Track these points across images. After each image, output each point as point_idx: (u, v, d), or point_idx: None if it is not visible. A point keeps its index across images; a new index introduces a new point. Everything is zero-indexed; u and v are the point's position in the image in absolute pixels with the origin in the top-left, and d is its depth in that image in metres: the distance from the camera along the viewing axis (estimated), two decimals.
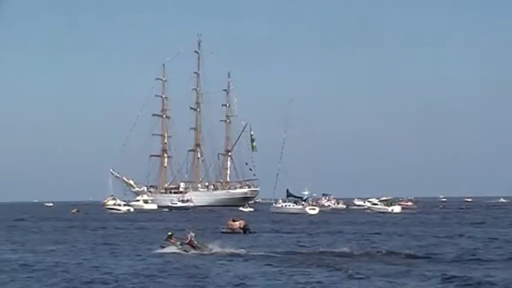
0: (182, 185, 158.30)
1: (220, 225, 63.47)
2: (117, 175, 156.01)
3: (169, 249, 36.99)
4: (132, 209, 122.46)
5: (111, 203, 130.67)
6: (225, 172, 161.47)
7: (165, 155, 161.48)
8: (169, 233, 38.73)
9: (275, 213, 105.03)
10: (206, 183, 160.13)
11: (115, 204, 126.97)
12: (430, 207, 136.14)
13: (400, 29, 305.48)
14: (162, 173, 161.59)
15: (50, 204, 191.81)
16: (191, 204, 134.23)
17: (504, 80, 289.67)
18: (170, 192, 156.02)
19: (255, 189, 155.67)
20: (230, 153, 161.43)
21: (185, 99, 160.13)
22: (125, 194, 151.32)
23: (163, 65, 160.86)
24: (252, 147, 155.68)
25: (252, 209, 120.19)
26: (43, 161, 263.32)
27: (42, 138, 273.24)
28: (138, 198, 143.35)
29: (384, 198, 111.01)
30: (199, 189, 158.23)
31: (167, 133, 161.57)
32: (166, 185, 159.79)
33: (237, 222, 55.33)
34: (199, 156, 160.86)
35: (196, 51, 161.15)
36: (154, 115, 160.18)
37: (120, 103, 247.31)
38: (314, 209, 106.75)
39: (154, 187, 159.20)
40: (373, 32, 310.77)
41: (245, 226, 54.42)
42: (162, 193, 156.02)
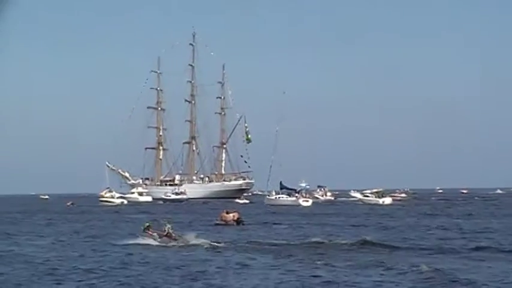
0: (177, 178, 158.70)
1: (212, 217, 63.95)
2: (112, 168, 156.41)
3: (146, 241, 37.46)
4: (126, 202, 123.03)
5: (107, 196, 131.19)
6: (220, 164, 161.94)
7: (161, 148, 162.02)
8: (146, 224, 39.15)
9: (268, 205, 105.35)
10: (201, 175, 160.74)
11: (110, 196, 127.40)
12: (423, 199, 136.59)
13: (398, 25, 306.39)
14: (158, 166, 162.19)
15: (46, 196, 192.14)
16: (185, 196, 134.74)
17: (501, 75, 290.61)
18: (165, 184, 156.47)
19: (250, 181, 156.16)
20: (225, 145, 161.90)
21: (180, 91, 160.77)
22: (121, 187, 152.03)
23: (158, 58, 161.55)
24: (247, 139, 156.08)
25: (248, 201, 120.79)
26: (40, 154, 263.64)
27: (39, 131, 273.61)
28: (133, 190, 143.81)
29: (375, 190, 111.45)
30: (194, 181, 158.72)
31: (162, 126, 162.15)
32: (161, 178, 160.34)
33: (231, 214, 55.12)
34: (194, 148, 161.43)
35: (191, 43, 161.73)
36: (149, 108, 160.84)
37: (115, 96, 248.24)
38: (307, 201, 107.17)
39: (149, 179, 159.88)
40: (370, 27, 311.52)
41: (239, 218, 54.27)
42: (158, 185, 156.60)
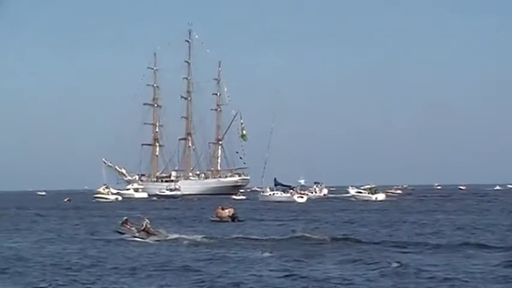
0: (173, 174, 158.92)
1: (204, 213, 64.45)
2: (109, 164, 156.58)
3: (124, 235, 37.77)
4: (120, 198, 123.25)
5: (103, 192, 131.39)
6: (216, 161, 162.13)
7: (157, 144, 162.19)
8: (124, 218, 39.55)
9: (263, 201, 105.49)
10: (197, 171, 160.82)
11: (105, 193, 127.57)
12: (417, 195, 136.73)
13: (397, 24, 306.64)
14: (154, 162, 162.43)
15: (43, 193, 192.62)
16: (179, 192, 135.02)
17: (501, 76, 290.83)
18: (162, 180, 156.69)
19: (246, 177, 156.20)
20: (221, 142, 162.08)
21: (176, 88, 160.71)
22: (117, 183, 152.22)
23: (154, 55, 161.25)
24: (242, 136, 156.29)
25: (245, 197, 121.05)
26: (38, 150, 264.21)
27: (37, 127, 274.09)
28: (129, 187, 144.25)
29: (368, 186, 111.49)
30: (190, 177, 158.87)
31: (159, 122, 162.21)
32: (157, 174, 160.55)
33: (226, 210, 54.74)
34: (190, 145, 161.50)
35: (187, 40, 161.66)
36: (145, 104, 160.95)
37: (112, 92, 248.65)
38: (302, 197, 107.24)
39: (146, 176, 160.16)
40: (369, 26, 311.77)
41: (234, 214, 53.91)
42: (154, 182, 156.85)
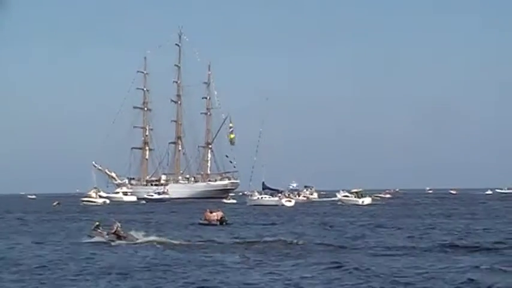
0: (163, 177, 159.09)
1: (188, 217, 64.43)
2: (99, 168, 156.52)
3: (95, 239, 37.88)
4: (108, 201, 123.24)
5: (91, 196, 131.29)
6: (206, 164, 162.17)
7: (147, 148, 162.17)
8: (96, 223, 39.64)
9: (251, 205, 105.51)
10: (187, 175, 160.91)
11: (93, 196, 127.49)
12: (405, 199, 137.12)
13: (390, 24, 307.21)
14: (144, 165, 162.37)
15: (33, 196, 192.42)
16: (167, 196, 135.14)
17: (497, 76, 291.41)
18: (151, 184, 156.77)
19: (235, 181, 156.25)
20: (211, 145, 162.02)
21: (166, 91, 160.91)
22: (107, 186, 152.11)
23: (144, 58, 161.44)
24: (230, 139, 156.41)
25: (235, 201, 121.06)
26: (28, 154, 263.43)
27: (28, 131, 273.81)
28: (118, 190, 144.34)
29: (355, 190, 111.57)
30: (180, 181, 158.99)
31: (149, 126, 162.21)
32: (147, 178, 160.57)
33: (214, 213, 54.57)
34: (180, 148, 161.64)
35: (177, 44, 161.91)
36: (135, 108, 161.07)
37: (102, 96, 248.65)
38: (290, 201, 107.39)
39: (135, 179, 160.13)
40: (360, 27, 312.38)
41: (222, 218, 53.76)
42: (143, 185, 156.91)
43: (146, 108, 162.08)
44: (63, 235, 44.26)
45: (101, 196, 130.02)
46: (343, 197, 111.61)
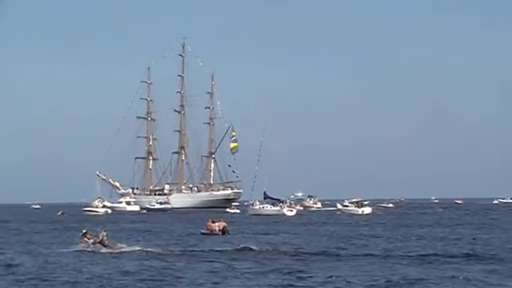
0: (167, 187, 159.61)
1: (189, 227, 64.90)
2: (103, 177, 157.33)
3: (80, 247, 38.40)
4: (110, 211, 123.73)
5: (96, 205, 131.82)
6: (209, 174, 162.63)
7: (150, 157, 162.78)
8: (83, 231, 40.14)
9: (252, 215, 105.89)
10: (190, 185, 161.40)
11: (94, 206, 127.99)
12: (408, 208, 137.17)
13: (389, 26, 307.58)
14: (147, 175, 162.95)
15: (38, 206, 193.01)
16: (169, 206, 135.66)
17: (502, 82, 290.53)
18: (155, 194, 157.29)
19: (238, 191, 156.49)
20: (214, 155, 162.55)
21: (170, 101, 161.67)
22: (111, 196, 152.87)
23: (148, 68, 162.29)
24: (231, 148, 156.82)
25: (238, 211, 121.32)
26: (33, 163, 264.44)
27: (33, 140, 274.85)
28: (121, 200, 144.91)
29: (355, 200, 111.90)
30: (183, 191, 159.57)
31: (152, 135, 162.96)
32: (151, 187, 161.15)
33: (217, 223, 54.66)
34: (183, 158, 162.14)
35: (180, 54, 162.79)
36: (139, 117, 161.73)
37: (106, 106, 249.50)
38: (291, 211, 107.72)
39: (139, 189, 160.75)
40: (361, 32, 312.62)
41: (224, 228, 53.89)
42: (147, 195, 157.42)
43: (150, 118, 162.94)
44: (52, 244, 44.76)
45: (104, 206, 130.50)
46: (343, 207, 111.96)
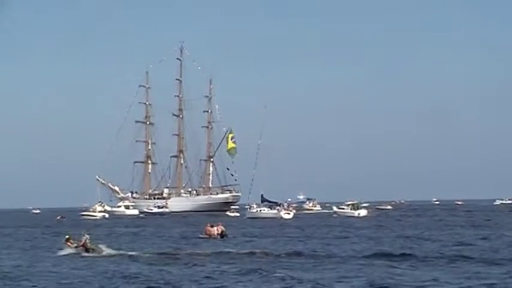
0: (166, 191, 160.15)
1: (184, 231, 65.22)
2: (102, 182, 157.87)
3: (64, 251, 38.76)
4: (107, 215, 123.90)
5: (98, 209, 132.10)
6: (208, 178, 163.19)
7: (149, 161, 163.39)
8: (66, 236, 40.55)
9: (250, 218, 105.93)
10: (189, 188, 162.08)
11: (91, 210, 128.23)
12: (406, 210, 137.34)
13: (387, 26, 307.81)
14: (146, 179, 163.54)
15: (37, 211, 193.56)
16: (167, 210, 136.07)
17: (503, 84, 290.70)
18: (154, 198, 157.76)
19: (237, 194, 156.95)
20: (212, 159, 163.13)
21: (168, 105, 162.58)
22: (110, 200, 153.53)
23: (146, 73, 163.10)
24: (229, 149, 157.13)
25: (238, 214, 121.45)
26: (34, 168, 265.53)
27: (32, 145, 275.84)
28: (119, 204, 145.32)
29: (350, 202, 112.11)
30: (182, 194, 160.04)
31: (151, 139, 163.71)
32: (150, 191, 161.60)
33: (215, 227, 54.42)
34: (182, 162, 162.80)
35: (178, 58, 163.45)
36: (137, 122, 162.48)
37: (104, 110, 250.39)
38: (289, 214, 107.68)
39: (138, 193, 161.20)
40: (364, 36, 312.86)
41: (223, 232, 53.75)
42: (146, 199, 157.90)
43: (148, 122, 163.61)
44: (37, 248, 45.16)
45: (102, 210, 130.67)
46: (338, 209, 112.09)
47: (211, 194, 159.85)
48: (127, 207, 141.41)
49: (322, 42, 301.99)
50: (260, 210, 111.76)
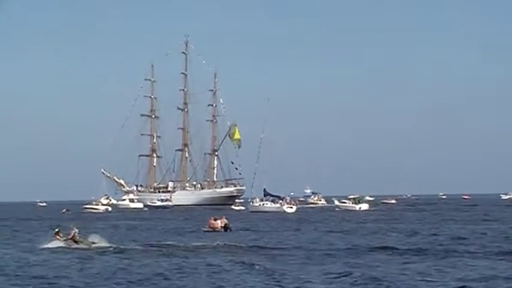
0: (171, 185, 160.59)
1: (186, 224, 65.54)
2: (108, 175, 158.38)
3: (54, 244, 38.95)
4: (110, 209, 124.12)
5: (102, 202, 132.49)
6: (212, 171, 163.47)
7: (154, 155, 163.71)
8: (56, 229, 40.79)
9: (252, 212, 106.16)
10: (194, 182, 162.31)
11: (94, 204, 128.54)
12: (406, 204, 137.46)
13: (390, 26, 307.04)
14: (151, 173, 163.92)
15: (44, 204, 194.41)
16: (170, 203, 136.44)
17: (504, 80, 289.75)
18: (159, 191, 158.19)
19: (241, 188, 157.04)
20: (217, 152, 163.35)
21: (173, 99, 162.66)
22: (116, 193, 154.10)
23: (151, 66, 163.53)
24: (234, 140, 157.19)
25: (244, 208, 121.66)
26: (44, 162, 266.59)
27: (38, 136, 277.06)
28: (124, 197, 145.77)
29: (352, 196, 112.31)
30: (186, 188, 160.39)
31: (156, 133, 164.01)
32: (155, 185, 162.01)
33: (219, 220, 54.56)
34: (187, 155, 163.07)
35: (183, 52, 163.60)
36: (142, 115, 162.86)
37: (110, 104, 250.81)
38: (291, 208, 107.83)
39: (143, 186, 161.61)
40: (366, 32, 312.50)
41: (226, 225, 53.88)
42: (151, 192, 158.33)
43: (154, 115, 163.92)
44: (28, 241, 45.35)
45: (107, 204, 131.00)
46: (340, 203, 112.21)
47: (215, 188, 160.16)
48: (131, 200, 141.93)
49: (322, 42, 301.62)
50: (263, 204, 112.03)
